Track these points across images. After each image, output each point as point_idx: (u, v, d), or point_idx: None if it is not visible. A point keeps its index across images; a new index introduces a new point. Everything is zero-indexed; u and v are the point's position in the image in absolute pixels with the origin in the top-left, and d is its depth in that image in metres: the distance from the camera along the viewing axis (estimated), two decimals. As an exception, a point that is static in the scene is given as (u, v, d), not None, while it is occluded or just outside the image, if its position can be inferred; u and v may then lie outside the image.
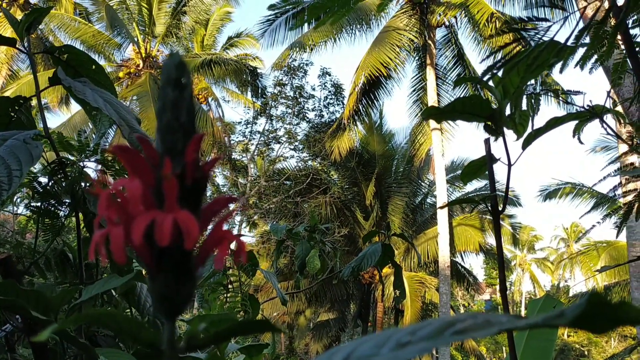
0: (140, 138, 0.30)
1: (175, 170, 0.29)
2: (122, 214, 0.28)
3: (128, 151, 0.29)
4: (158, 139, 0.31)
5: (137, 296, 0.99)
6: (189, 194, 0.29)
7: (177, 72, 0.31)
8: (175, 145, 0.30)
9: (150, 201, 0.28)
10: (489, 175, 1.02)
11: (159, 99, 0.31)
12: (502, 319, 0.27)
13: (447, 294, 10.76)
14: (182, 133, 0.30)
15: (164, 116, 0.31)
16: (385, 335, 0.27)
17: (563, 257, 31.34)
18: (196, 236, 0.27)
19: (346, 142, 12.52)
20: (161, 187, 0.29)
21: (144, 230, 0.27)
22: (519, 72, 0.86)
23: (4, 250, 1.08)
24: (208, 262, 0.30)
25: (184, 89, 0.31)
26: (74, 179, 1.01)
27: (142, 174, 0.29)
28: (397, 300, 2.46)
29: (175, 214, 0.27)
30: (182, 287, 0.29)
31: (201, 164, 0.31)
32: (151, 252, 0.28)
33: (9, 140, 0.94)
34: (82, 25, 15.89)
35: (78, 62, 1.15)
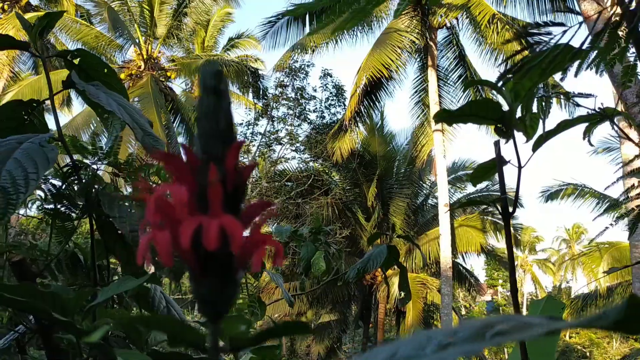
0: (183, 146, 0.31)
1: (218, 176, 0.30)
2: (168, 219, 0.29)
3: (172, 158, 0.30)
4: (198, 145, 0.31)
5: (152, 297, 1.00)
6: (230, 199, 0.30)
7: (215, 80, 0.32)
8: (215, 151, 0.31)
9: (193, 206, 0.29)
10: (499, 178, 1.03)
11: (198, 107, 0.32)
12: (540, 320, 0.27)
13: (449, 295, 10.76)
14: (222, 140, 0.31)
15: (204, 123, 0.32)
16: (424, 336, 0.28)
17: (565, 258, 31.31)
18: (241, 240, 0.28)
19: (348, 143, 12.54)
20: (203, 193, 0.30)
21: (192, 234, 0.27)
22: (531, 75, 0.87)
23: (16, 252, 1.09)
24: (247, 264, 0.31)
25: (221, 97, 0.32)
26: (88, 182, 1.01)
27: (185, 179, 0.30)
28: (403, 301, 2.47)
29: (220, 219, 0.28)
30: (226, 291, 0.30)
31: (240, 170, 0.31)
32: (196, 256, 0.29)
33: (25, 144, 0.95)
34: (83, 27, 15.93)
35: (90, 65, 1.16)
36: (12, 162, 0.91)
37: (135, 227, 0.95)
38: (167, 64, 16.54)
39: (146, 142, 1.01)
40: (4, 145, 0.95)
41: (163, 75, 16.27)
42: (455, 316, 13.51)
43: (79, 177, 1.07)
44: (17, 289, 0.79)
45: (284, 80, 14.09)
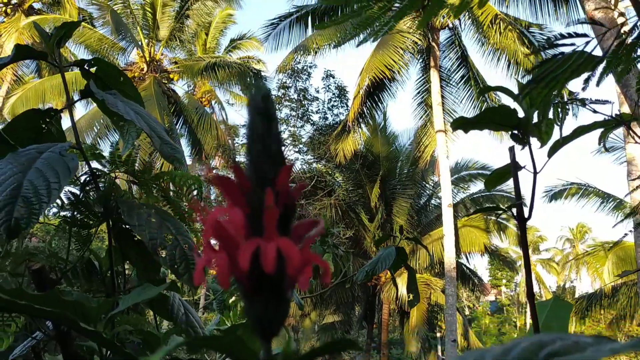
0: (234, 167, 0.32)
1: (269, 196, 0.31)
2: (225, 242, 0.30)
3: (226, 181, 0.31)
4: (250, 168, 0.32)
5: (170, 305, 1.01)
6: (282, 219, 0.31)
7: (265, 104, 0.33)
8: (267, 174, 0.32)
9: (247, 228, 0.30)
10: (514, 184, 1.03)
11: (248, 130, 0.33)
12: (592, 340, 0.28)
13: (453, 295, 10.74)
14: (273, 162, 0.32)
15: (255, 147, 0.32)
16: (478, 355, 0.28)
17: (569, 257, 31.24)
18: (297, 262, 0.29)
19: (351, 144, 12.55)
20: (256, 215, 0.31)
21: (250, 257, 0.28)
22: (548, 83, 0.88)
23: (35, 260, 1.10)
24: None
25: (271, 120, 0.33)
26: (107, 190, 1.02)
27: (238, 202, 0.31)
28: (412, 303, 2.47)
29: (276, 242, 0.29)
30: (279, 310, 0.30)
31: (290, 190, 0.32)
32: (249, 277, 0.30)
33: (45, 153, 0.96)
34: (86, 30, 15.97)
35: (106, 74, 1.17)
36: (34, 172, 0.92)
37: (154, 235, 0.96)
38: (170, 66, 16.57)
39: (164, 150, 1.02)
40: (25, 155, 0.96)
41: (166, 77, 16.30)
42: (459, 317, 13.50)
43: (96, 185, 1.08)
44: (43, 299, 0.80)
45: (286, 81, 14.10)
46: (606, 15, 4.60)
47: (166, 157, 1.01)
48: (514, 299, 34.76)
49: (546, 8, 9.65)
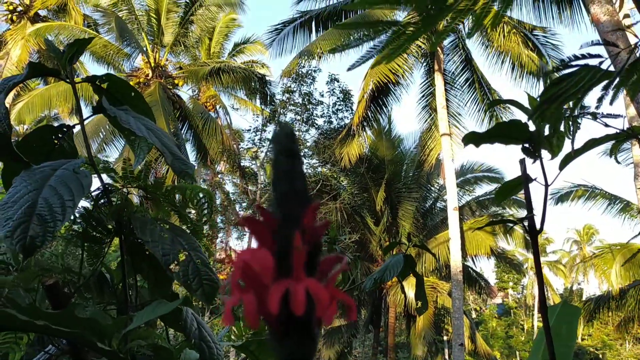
0: (259, 208, 0.32)
1: (293, 236, 0.31)
2: (253, 283, 0.30)
3: (254, 221, 0.31)
4: (276, 206, 0.33)
5: (184, 320, 1.01)
6: (308, 258, 0.31)
7: (289, 142, 0.34)
8: (293, 212, 0.32)
9: (275, 268, 0.31)
10: (525, 196, 1.03)
11: (273, 168, 0.33)
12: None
13: (459, 299, 10.71)
14: (298, 201, 0.32)
15: (280, 185, 0.33)
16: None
17: (576, 260, 31.08)
18: (326, 304, 0.29)
19: (355, 148, 12.55)
20: (283, 255, 0.31)
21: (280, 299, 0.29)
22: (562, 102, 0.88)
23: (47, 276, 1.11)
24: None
25: (296, 158, 0.33)
26: (120, 206, 1.03)
27: (265, 242, 0.31)
28: (420, 310, 2.46)
29: (304, 283, 0.29)
30: (307, 349, 0.31)
31: (316, 229, 0.33)
32: (278, 318, 0.30)
33: (59, 170, 0.97)
34: (91, 36, 16.05)
35: (117, 89, 1.18)
36: (48, 190, 0.92)
37: (167, 251, 0.97)
38: (175, 72, 16.64)
39: (176, 165, 1.03)
40: (39, 172, 0.96)
41: (170, 82, 16.36)
42: (466, 320, 13.45)
43: (109, 200, 1.09)
44: (60, 318, 0.81)
45: (291, 85, 14.13)
46: (612, 18, 4.59)
47: (178, 173, 1.01)
48: (521, 302, 34.63)
49: (550, 11, 9.63)
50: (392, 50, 0.62)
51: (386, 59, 0.61)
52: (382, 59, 0.62)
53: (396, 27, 0.60)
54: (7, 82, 1.03)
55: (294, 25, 11.98)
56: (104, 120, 14.29)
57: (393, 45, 0.61)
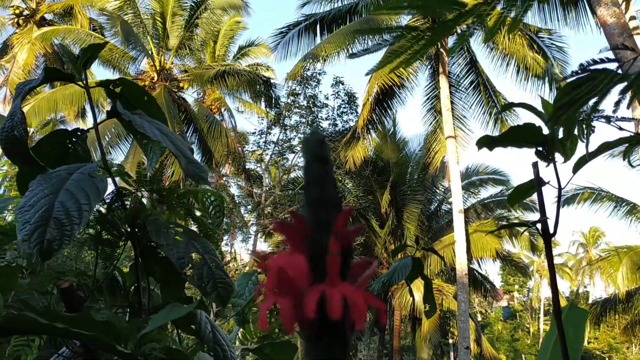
0: (292, 212, 0.33)
1: (327, 241, 0.32)
2: (288, 288, 0.30)
3: (288, 227, 0.32)
4: (308, 212, 0.33)
5: (198, 323, 1.02)
6: (341, 263, 0.32)
7: (320, 149, 0.34)
8: (325, 218, 0.33)
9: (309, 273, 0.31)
10: (538, 200, 1.04)
11: (305, 175, 0.34)
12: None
13: (465, 302, 10.68)
14: (330, 206, 0.33)
15: (312, 191, 0.33)
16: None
17: (582, 262, 30.95)
18: (362, 308, 0.30)
19: (360, 151, 12.55)
20: (316, 260, 0.31)
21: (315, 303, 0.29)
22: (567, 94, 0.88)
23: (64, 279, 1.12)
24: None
25: (327, 165, 0.34)
26: (134, 210, 1.04)
27: (299, 247, 0.32)
28: (428, 314, 2.46)
29: (340, 288, 0.30)
30: (341, 352, 0.31)
31: (347, 234, 0.33)
32: (313, 322, 0.31)
33: (75, 174, 0.97)
34: (97, 40, 16.12)
35: (130, 93, 1.19)
36: (65, 194, 0.93)
37: (182, 254, 0.98)
38: (180, 75, 16.70)
39: (190, 169, 1.03)
40: (55, 176, 0.97)
41: (176, 85, 16.42)
42: (472, 323, 13.40)
43: (122, 204, 1.10)
44: (77, 321, 0.82)
45: (295, 88, 14.15)
46: (618, 20, 4.58)
47: (192, 177, 1.02)
48: (526, 305, 34.48)
49: (555, 13, 9.62)
50: (410, 55, 0.62)
51: (404, 63, 0.62)
52: (401, 63, 0.63)
53: (416, 32, 0.60)
54: (22, 87, 1.04)
55: (298, 28, 12.01)
56: (110, 123, 14.35)
57: (412, 50, 0.61)
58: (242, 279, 1.88)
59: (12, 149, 1.00)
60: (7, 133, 1.00)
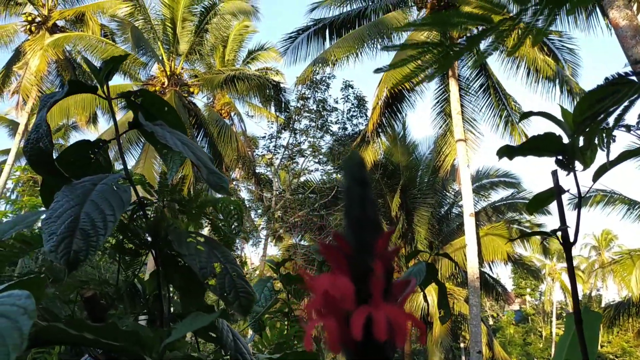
0: (335, 235, 0.34)
1: (370, 262, 0.33)
2: (332, 308, 0.31)
3: (331, 249, 0.33)
4: (349, 233, 0.34)
5: (220, 331, 1.03)
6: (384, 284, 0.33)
7: (360, 171, 0.35)
8: (366, 239, 0.33)
9: (353, 294, 0.32)
10: (558, 208, 1.04)
11: (346, 197, 0.35)
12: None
13: (477, 306, 10.62)
14: (371, 228, 0.34)
15: (353, 213, 0.34)
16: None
17: (594, 265, 30.66)
18: (405, 330, 0.30)
19: (370, 155, 12.54)
20: (359, 281, 0.32)
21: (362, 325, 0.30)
22: (592, 107, 0.88)
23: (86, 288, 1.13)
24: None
25: (367, 187, 0.35)
26: (156, 219, 1.05)
27: (342, 269, 0.33)
28: (443, 319, 2.46)
29: (384, 309, 0.30)
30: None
31: (388, 254, 0.34)
32: (357, 342, 0.31)
33: (99, 185, 0.99)
34: (108, 46, 16.27)
35: (151, 104, 1.21)
36: (90, 204, 0.95)
37: (204, 264, 0.99)
38: (190, 80, 16.80)
39: (211, 180, 1.05)
40: (80, 187, 0.99)
41: (186, 90, 16.53)
42: (483, 327, 13.32)
43: (144, 213, 1.11)
44: (104, 331, 0.83)
45: (305, 92, 14.19)
46: (630, 23, 4.55)
47: (213, 187, 1.03)
48: (538, 308, 34.21)
49: (565, 15, 9.56)
50: (435, 70, 0.63)
51: (428, 78, 0.63)
52: (426, 77, 0.64)
53: (442, 47, 0.61)
54: (47, 99, 1.06)
55: (307, 33, 12.04)
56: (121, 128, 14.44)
57: (437, 66, 0.62)
58: (257, 285, 1.89)
59: (38, 161, 1.02)
60: (33, 145, 1.02)
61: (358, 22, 11.95)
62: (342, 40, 11.80)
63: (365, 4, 12.10)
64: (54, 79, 18.77)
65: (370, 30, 11.59)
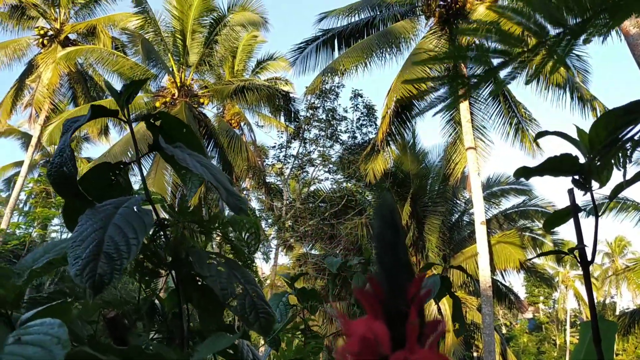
0: (370, 279, 0.35)
1: (404, 307, 0.34)
2: (368, 352, 0.33)
3: (366, 294, 0.34)
4: (382, 277, 0.35)
5: (240, 351, 1.04)
6: (416, 327, 0.34)
7: (392, 215, 0.36)
8: (399, 283, 0.35)
9: (388, 338, 0.33)
10: (575, 226, 1.04)
11: (377, 240, 0.36)
12: None
13: (489, 315, 10.54)
14: (404, 272, 0.35)
15: (386, 256, 0.35)
16: None
17: (608, 272, 30.32)
18: (441, 375, 0.31)
19: (380, 164, 12.54)
20: (390, 322, 0.34)
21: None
22: (607, 126, 0.89)
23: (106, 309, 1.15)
24: None
25: (399, 231, 0.36)
26: (177, 241, 1.07)
27: (377, 313, 0.34)
28: (458, 333, 2.45)
29: (419, 354, 0.32)
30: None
31: (420, 298, 0.35)
32: (392, 384, 0.33)
33: (121, 209, 1.01)
34: (119, 58, 16.46)
35: (170, 126, 1.23)
36: (113, 228, 0.97)
37: (225, 285, 1.00)
38: (200, 91, 16.93)
39: (230, 201, 1.06)
40: (102, 211, 1.01)
41: (196, 101, 16.65)
42: (497, 336, 13.20)
43: (165, 235, 1.13)
44: (129, 353, 0.85)
45: (314, 102, 14.24)
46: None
47: (233, 209, 1.05)
48: (552, 316, 33.84)
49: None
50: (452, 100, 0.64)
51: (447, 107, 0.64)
52: (444, 107, 0.65)
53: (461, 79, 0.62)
54: (71, 124, 1.09)
55: (316, 43, 12.11)
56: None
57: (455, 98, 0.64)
58: (273, 300, 1.90)
59: (62, 185, 1.04)
60: (57, 169, 1.04)
61: (366, 31, 12.00)
62: (351, 50, 11.85)
63: (374, 14, 12.16)
64: (66, 91, 19.02)
65: (378, 39, 11.64)
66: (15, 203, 17.00)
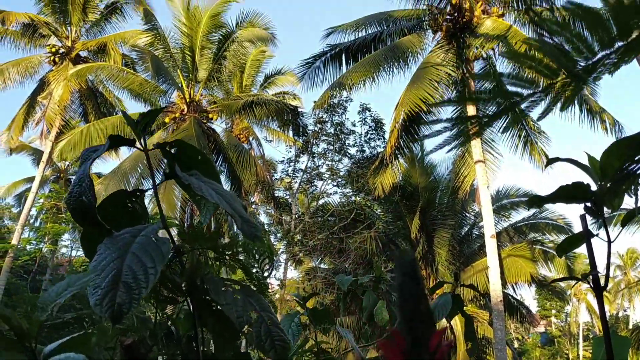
0: (393, 332, 0.36)
1: (426, 357, 0.35)
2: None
3: (390, 346, 0.35)
4: (403, 327, 0.37)
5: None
6: (438, 378, 0.35)
7: (412, 268, 0.38)
8: (420, 334, 0.36)
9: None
10: (588, 253, 1.05)
11: (399, 291, 0.37)
12: None
13: (501, 329, 10.43)
14: (425, 323, 0.36)
15: (407, 306, 0.37)
16: None
17: (620, 285, 29.94)
18: None
19: (389, 178, 12.53)
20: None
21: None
22: (621, 156, 0.90)
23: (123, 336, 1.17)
24: None
25: (419, 283, 0.37)
26: (193, 267, 1.09)
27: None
28: (471, 352, 2.44)
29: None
30: None
31: (441, 348, 0.36)
32: None
33: (139, 238, 1.03)
34: (129, 75, 16.66)
35: (185, 154, 1.25)
36: (131, 257, 0.99)
37: (241, 313, 1.02)
38: (209, 106, 17.07)
39: (245, 229, 1.08)
40: (120, 239, 1.03)
41: (205, 117, 16.78)
42: (509, 350, 13.05)
43: (181, 261, 1.15)
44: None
45: (322, 116, 14.30)
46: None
47: (248, 236, 1.07)
48: (565, 330, 33.39)
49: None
50: (465, 139, 0.66)
51: (460, 145, 0.66)
52: (458, 144, 0.67)
53: (476, 119, 0.64)
54: (90, 153, 1.11)
55: (324, 58, 12.20)
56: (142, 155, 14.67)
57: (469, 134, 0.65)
58: (285, 320, 1.91)
59: (81, 214, 1.06)
60: (76, 198, 1.06)
61: (374, 46, 12.09)
62: (359, 64, 11.93)
63: (381, 29, 12.25)
64: (77, 107, 19.24)
65: (386, 54, 11.71)
66: (27, 219, 17.15)
